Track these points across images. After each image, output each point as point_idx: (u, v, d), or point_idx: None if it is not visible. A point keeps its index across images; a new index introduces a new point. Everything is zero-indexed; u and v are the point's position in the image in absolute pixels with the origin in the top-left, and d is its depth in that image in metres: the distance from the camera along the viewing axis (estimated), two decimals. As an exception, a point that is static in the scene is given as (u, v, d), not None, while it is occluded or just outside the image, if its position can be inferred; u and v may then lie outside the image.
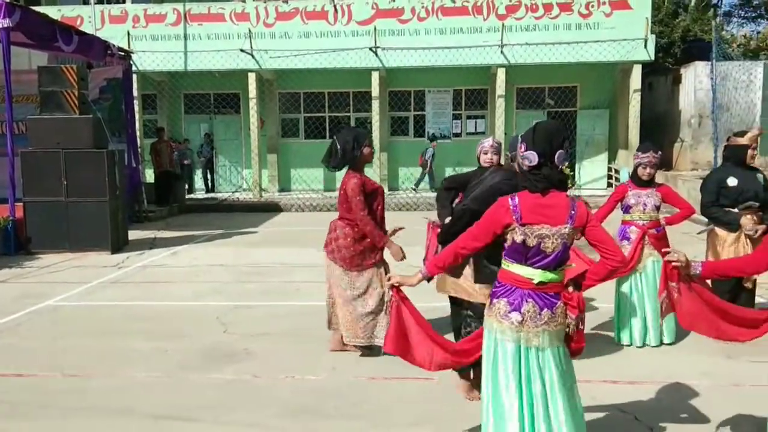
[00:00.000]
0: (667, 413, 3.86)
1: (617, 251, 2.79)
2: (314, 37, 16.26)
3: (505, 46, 15.60)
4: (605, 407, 3.97)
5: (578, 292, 2.86)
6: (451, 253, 2.98)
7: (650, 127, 16.51)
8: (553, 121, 2.95)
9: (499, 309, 2.84)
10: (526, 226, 2.74)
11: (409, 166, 17.74)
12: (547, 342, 2.80)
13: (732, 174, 4.89)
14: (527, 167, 2.80)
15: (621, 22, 15.23)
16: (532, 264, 2.78)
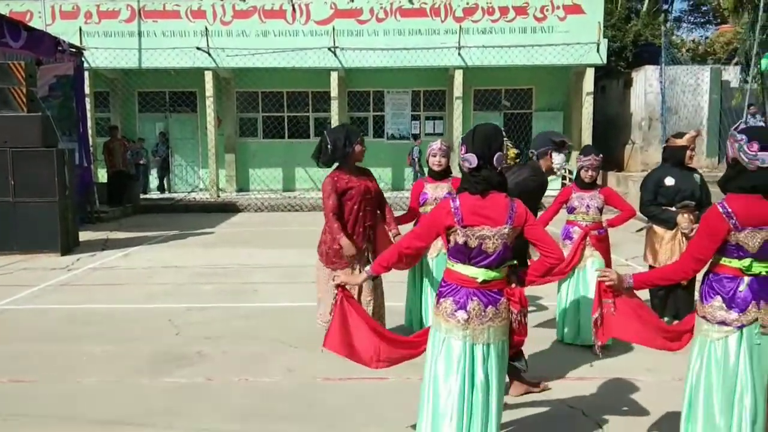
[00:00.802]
0: (614, 408, 3.98)
1: (556, 249, 2.88)
2: (272, 36, 16.14)
3: (462, 48, 15.78)
4: (554, 403, 4.08)
5: (520, 288, 2.96)
6: (395, 253, 3.04)
7: (603, 129, 16.92)
8: (491, 124, 3.02)
9: (445, 308, 2.91)
10: (467, 227, 2.81)
11: (368, 166, 17.57)
12: (492, 337, 2.89)
13: (670, 174, 5.07)
14: (467, 169, 2.87)
15: (574, 26, 15.57)
16: (475, 264, 2.85)
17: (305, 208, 15.33)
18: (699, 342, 2.92)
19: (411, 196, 5.33)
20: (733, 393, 2.79)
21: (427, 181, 5.23)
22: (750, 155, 2.72)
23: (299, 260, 8.80)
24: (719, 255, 2.82)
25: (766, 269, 2.77)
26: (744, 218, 2.71)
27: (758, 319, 2.75)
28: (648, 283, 3.10)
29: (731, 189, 2.81)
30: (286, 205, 15.50)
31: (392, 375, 4.41)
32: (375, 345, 3.22)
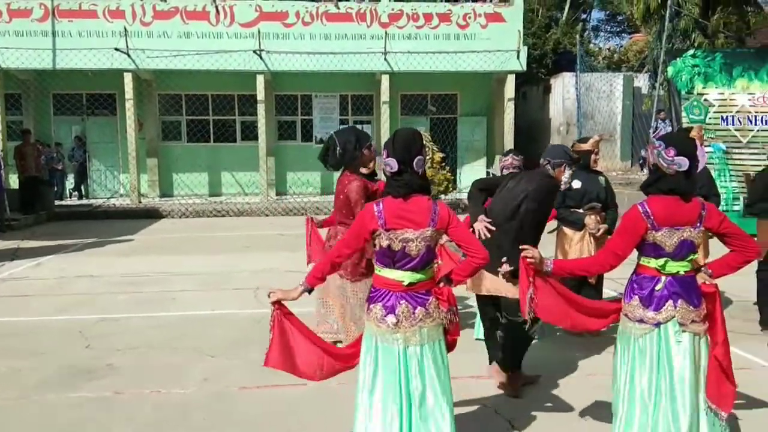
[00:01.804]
0: (527, 405, 4.10)
1: (480, 249, 2.95)
2: (195, 38, 15.78)
3: (388, 53, 15.92)
4: (468, 402, 4.15)
5: (448, 287, 3.01)
6: (327, 263, 3.03)
7: (524, 133, 17.45)
8: (411, 128, 3.08)
9: (375, 314, 2.94)
10: (390, 231, 2.85)
11: (297, 170, 17.63)
12: (426, 338, 2.93)
13: (576, 177, 5.30)
14: (389, 174, 2.92)
15: (496, 33, 15.99)
16: (400, 267, 2.89)
17: (232, 213, 15.06)
18: (622, 338, 3.08)
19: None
20: (653, 388, 2.94)
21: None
22: (668, 160, 2.89)
23: (223, 267, 8.65)
24: (639, 254, 2.99)
25: (684, 268, 2.94)
26: (661, 219, 2.88)
27: (676, 316, 2.92)
28: (566, 271, 3.22)
29: (652, 191, 2.98)
30: (212, 210, 15.18)
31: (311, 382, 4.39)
32: (318, 358, 3.19)
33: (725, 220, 2.94)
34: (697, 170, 2.95)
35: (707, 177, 5.76)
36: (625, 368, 3.03)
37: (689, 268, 2.95)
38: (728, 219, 2.99)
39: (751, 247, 2.94)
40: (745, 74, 11.09)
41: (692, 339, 2.94)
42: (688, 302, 2.92)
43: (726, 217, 2.99)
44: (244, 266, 8.52)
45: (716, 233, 2.96)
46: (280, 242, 10.59)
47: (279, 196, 17.12)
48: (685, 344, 2.92)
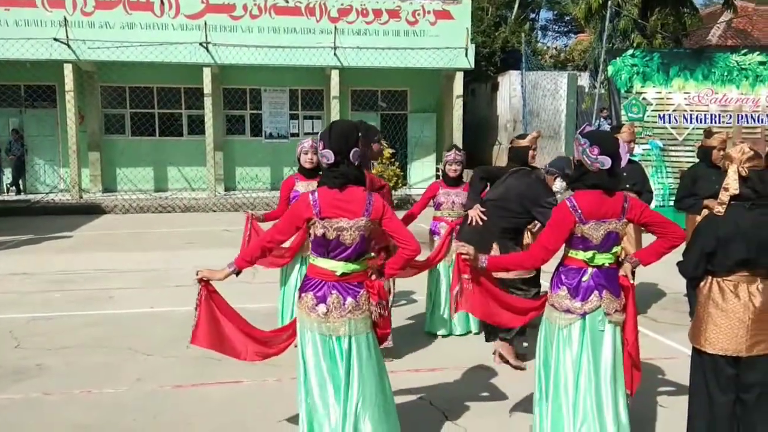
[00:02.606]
0: (461, 396, 4.18)
1: (412, 242, 3.00)
2: (139, 29, 15.36)
3: (338, 48, 15.85)
4: (405, 394, 4.20)
5: (379, 281, 3.05)
6: (258, 248, 3.08)
7: (473, 130, 17.68)
8: (349, 120, 3.12)
9: (306, 302, 2.97)
10: (325, 219, 2.88)
11: (246, 165, 17.40)
12: (353, 330, 2.96)
13: None
14: (325, 165, 2.95)
15: (444, 31, 16.12)
16: (334, 257, 2.93)
17: (178, 209, 14.77)
18: (547, 328, 3.16)
19: (281, 194, 5.27)
20: (578, 376, 3.04)
21: (298, 178, 5.20)
22: (592, 158, 2.99)
23: (164, 264, 8.49)
24: (567, 247, 3.08)
25: (609, 260, 3.05)
26: (588, 212, 2.98)
27: (601, 306, 3.02)
28: (501, 267, 3.31)
29: (578, 186, 3.07)
30: (157, 206, 14.85)
31: (248, 378, 4.38)
32: (242, 340, 3.23)
33: (645, 210, 3.06)
34: (619, 167, 3.04)
35: (641, 174, 5.95)
36: (551, 358, 3.11)
37: (613, 260, 3.07)
38: (649, 208, 3.11)
39: (675, 232, 3.05)
40: (682, 74, 11.48)
41: (613, 328, 3.05)
42: (611, 293, 3.03)
43: (647, 207, 3.11)
44: (186, 263, 8.36)
45: (639, 223, 3.07)
46: (225, 238, 10.45)
47: (227, 191, 16.87)
48: (608, 333, 3.04)
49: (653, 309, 6.35)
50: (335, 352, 2.95)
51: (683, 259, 3.15)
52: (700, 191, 5.52)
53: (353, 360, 2.95)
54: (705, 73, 11.60)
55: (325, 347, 2.95)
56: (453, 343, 5.34)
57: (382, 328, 3.10)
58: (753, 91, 11.68)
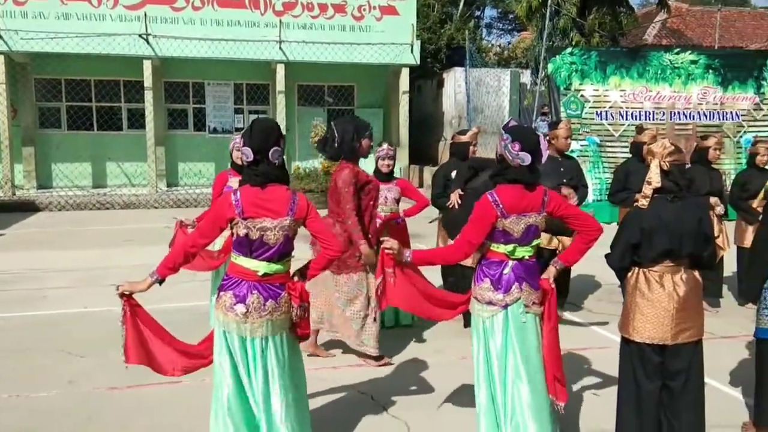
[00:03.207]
0: (400, 390, 4.23)
1: (334, 241, 3.00)
2: (75, 20, 14.80)
3: (283, 42, 15.68)
4: (346, 390, 4.23)
5: (302, 283, 3.03)
6: (181, 253, 2.99)
7: (419, 126, 17.79)
8: (269, 119, 3.10)
9: (225, 302, 2.92)
10: (248, 219, 2.84)
11: (189, 160, 17.03)
12: (270, 331, 2.93)
13: (455, 168, 5.50)
14: (245, 163, 2.92)
15: (390, 26, 16.15)
16: (257, 256, 2.89)
17: (117, 205, 14.34)
18: (474, 321, 3.22)
19: (214, 189, 5.19)
20: (505, 367, 3.09)
21: (231, 174, 5.14)
22: (513, 153, 3.04)
23: (101, 262, 8.25)
24: (489, 241, 3.12)
25: (528, 253, 3.12)
26: (509, 206, 3.03)
27: (521, 298, 3.08)
28: (425, 261, 3.32)
29: (499, 181, 3.12)
30: (96, 202, 14.38)
31: (186, 378, 4.28)
32: (169, 354, 3.13)
33: (563, 204, 3.14)
34: (540, 163, 3.10)
35: (577, 169, 6.11)
36: (480, 350, 3.17)
37: (532, 253, 3.13)
38: (566, 202, 3.21)
39: (591, 226, 3.13)
40: (618, 72, 11.87)
41: (534, 319, 3.13)
42: (530, 285, 3.10)
43: (564, 201, 3.20)
44: (125, 261, 8.16)
45: (558, 217, 3.13)
46: (166, 235, 10.10)
47: (169, 187, 16.48)
48: (529, 324, 3.11)
49: (588, 300, 6.56)
50: (252, 353, 2.90)
51: (611, 251, 3.26)
52: (632, 185, 5.72)
53: (270, 361, 2.93)
54: (640, 71, 12.02)
55: (242, 348, 2.90)
56: (395, 335, 5.38)
57: (302, 330, 3.08)
58: (685, 89, 12.18)
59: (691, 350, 3.18)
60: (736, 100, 12.35)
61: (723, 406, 3.90)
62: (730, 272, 6.44)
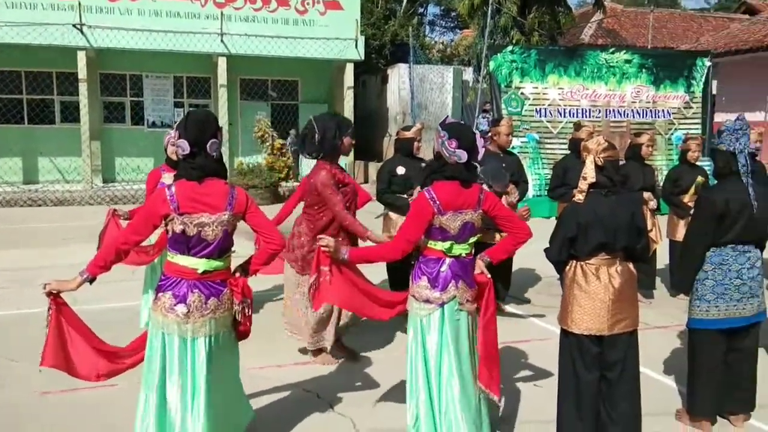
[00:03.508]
0: (346, 387, 4.23)
1: (276, 235, 2.95)
2: (4, 8, 14.08)
3: (225, 35, 15.37)
4: (291, 388, 4.20)
5: (244, 278, 2.98)
6: (112, 251, 2.89)
7: (364, 121, 17.78)
8: (206, 110, 3.02)
9: (164, 303, 2.83)
10: (184, 215, 2.76)
11: (126, 155, 16.50)
12: (213, 329, 2.87)
13: (401, 164, 5.53)
14: (181, 156, 2.83)
15: (334, 21, 16.07)
16: (195, 254, 2.81)
17: (50, 202, 13.78)
18: (411, 319, 3.23)
19: (147, 187, 5.05)
20: (440, 365, 3.12)
21: (165, 170, 5.00)
22: (450, 151, 3.06)
23: (35, 262, 7.91)
24: (427, 238, 3.13)
25: (465, 251, 3.15)
26: (446, 203, 3.04)
27: (457, 296, 3.11)
28: (363, 259, 3.31)
29: (436, 178, 3.14)
30: (27, 199, 13.78)
31: (122, 381, 4.16)
32: (93, 358, 3.02)
33: (497, 205, 3.18)
34: (476, 160, 3.15)
35: (518, 165, 6.25)
36: (418, 349, 3.17)
37: (469, 250, 3.16)
38: (500, 203, 3.25)
39: (521, 229, 3.20)
40: (556, 70, 12.17)
41: (467, 317, 3.16)
42: (466, 283, 3.12)
43: (499, 201, 3.24)
44: (61, 260, 7.83)
45: (491, 216, 3.17)
46: (103, 233, 9.87)
47: (106, 183, 15.93)
48: (463, 322, 3.14)
49: (529, 293, 6.72)
50: (192, 353, 2.83)
51: (549, 245, 3.35)
52: (570, 181, 5.87)
53: (213, 359, 2.87)
54: (577, 70, 12.36)
55: (182, 350, 2.82)
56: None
57: (244, 326, 3.03)
58: (620, 87, 12.60)
59: (626, 341, 3.30)
60: (668, 98, 12.85)
61: (657, 394, 4.06)
62: (662, 265, 6.72)
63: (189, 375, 2.85)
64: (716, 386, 3.52)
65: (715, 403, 3.56)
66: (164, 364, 2.86)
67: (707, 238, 3.44)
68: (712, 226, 3.40)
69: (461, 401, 3.09)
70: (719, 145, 3.44)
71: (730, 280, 3.41)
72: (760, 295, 3.48)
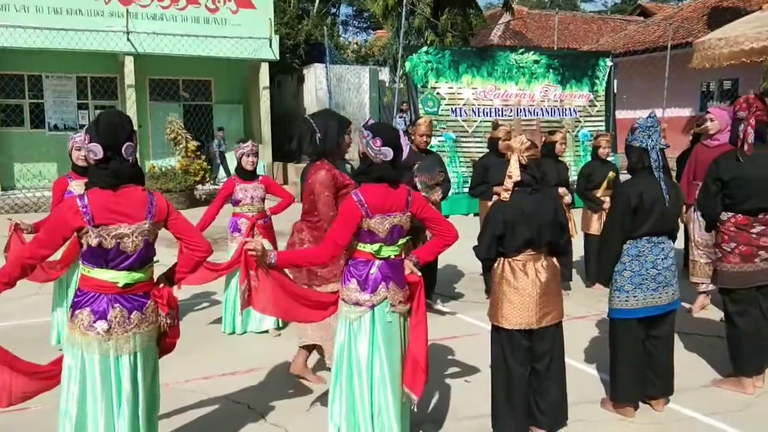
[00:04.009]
0: (277, 396, 4.12)
1: (203, 243, 2.82)
2: None
3: (131, 33, 14.72)
4: (221, 401, 4.06)
5: (169, 289, 2.83)
6: (17, 266, 2.66)
7: (281, 122, 17.54)
8: (118, 111, 2.86)
9: (82, 321, 2.64)
10: (100, 227, 2.58)
11: (27, 161, 15.46)
12: (139, 345, 2.72)
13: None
14: (93, 161, 2.64)
15: (246, 20, 15.74)
16: (114, 266, 2.64)
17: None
18: (341, 322, 3.19)
19: (53, 196, 4.74)
20: (372, 368, 3.08)
21: (72, 177, 4.71)
22: (375, 150, 3.04)
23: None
24: (356, 241, 3.10)
25: (394, 253, 3.14)
26: (374, 206, 3.01)
27: (388, 297, 3.09)
28: (291, 263, 3.25)
29: (363, 180, 3.11)
30: None
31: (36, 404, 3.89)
32: (5, 379, 2.78)
33: (426, 207, 3.19)
34: (401, 159, 3.16)
35: (441, 163, 6.34)
36: (344, 352, 3.14)
37: (398, 252, 3.15)
38: (429, 205, 3.26)
39: (448, 231, 3.22)
40: (470, 71, 12.42)
41: (399, 319, 3.15)
42: (397, 284, 3.11)
43: (427, 203, 3.25)
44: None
45: (419, 218, 3.17)
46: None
47: (5, 191, 14.88)
48: (395, 324, 3.13)
49: (455, 289, 6.84)
50: (117, 372, 2.67)
51: (477, 243, 3.41)
52: (490, 179, 6.03)
53: (139, 376, 2.72)
54: (489, 70, 12.67)
55: (104, 369, 2.65)
56: (265, 340, 5.28)
57: (172, 338, 2.90)
58: (529, 87, 13.03)
59: (553, 332, 3.41)
60: (573, 97, 13.41)
61: (581, 383, 4.20)
62: (577, 257, 7.02)
63: (114, 397, 2.68)
64: (637, 373, 3.70)
65: (637, 389, 3.73)
66: (84, 387, 2.67)
67: (624, 231, 3.60)
68: (628, 219, 3.57)
69: (395, 406, 3.08)
70: (632, 142, 3.61)
71: (646, 270, 3.59)
72: (674, 283, 3.69)
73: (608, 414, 3.82)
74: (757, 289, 4.00)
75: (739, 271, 3.98)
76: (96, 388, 2.65)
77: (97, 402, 2.65)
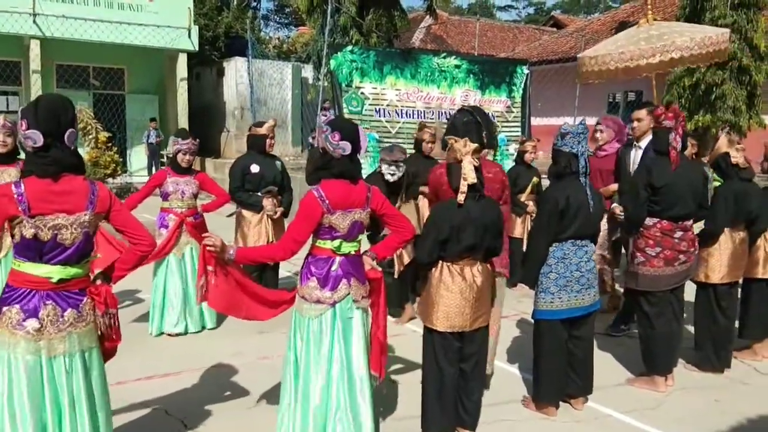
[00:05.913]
0: (200, 400, 3.97)
1: (146, 236, 2.69)
2: None
3: (38, 15, 13.83)
4: (138, 408, 3.86)
5: (106, 286, 2.66)
6: None
7: (199, 115, 17.02)
8: (59, 95, 2.66)
9: (10, 318, 2.44)
10: (36, 217, 2.39)
11: None
12: (76, 346, 2.53)
13: (254, 161, 5.35)
14: (31, 149, 2.46)
15: (164, 8, 15.14)
16: (49, 260, 2.46)
17: None
18: (298, 321, 3.11)
19: None
20: (331, 365, 3.05)
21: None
22: (334, 144, 3.01)
23: None
24: (315, 237, 3.05)
25: (354, 249, 3.11)
26: (335, 202, 2.98)
27: (350, 294, 3.06)
28: (249, 259, 3.20)
29: (324, 176, 3.06)
30: None
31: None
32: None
33: (385, 203, 3.20)
34: (359, 153, 3.15)
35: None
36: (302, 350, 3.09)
37: (357, 247, 3.16)
38: (388, 202, 3.27)
39: (405, 227, 3.25)
40: (393, 72, 12.44)
41: (361, 314, 3.16)
42: (358, 280, 3.12)
43: (386, 200, 3.25)
44: None
45: (378, 215, 3.18)
46: None
47: None
48: (357, 319, 3.13)
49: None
50: (47, 376, 2.48)
51: (419, 246, 3.40)
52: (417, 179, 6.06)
53: (76, 382, 2.53)
54: (412, 72, 12.74)
55: (34, 373, 2.45)
56: (186, 342, 5.08)
57: (112, 341, 2.74)
58: (450, 91, 13.19)
59: (482, 334, 3.46)
60: (492, 102, 13.69)
61: (504, 382, 4.30)
62: (498, 258, 7.20)
63: (49, 407, 2.47)
64: (560, 373, 3.81)
65: (559, 389, 3.85)
66: (11, 394, 2.45)
67: (550, 234, 3.70)
68: (554, 222, 3.67)
69: (359, 400, 3.07)
70: (563, 147, 3.71)
71: (571, 272, 3.70)
72: (595, 285, 3.83)
73: (531, 413, 3.91)
74: (671, 291, 4.23)
75: (660, 274, 4.18)
76: (23, 396, 2.45)
77: (26, 414, 2.44)
